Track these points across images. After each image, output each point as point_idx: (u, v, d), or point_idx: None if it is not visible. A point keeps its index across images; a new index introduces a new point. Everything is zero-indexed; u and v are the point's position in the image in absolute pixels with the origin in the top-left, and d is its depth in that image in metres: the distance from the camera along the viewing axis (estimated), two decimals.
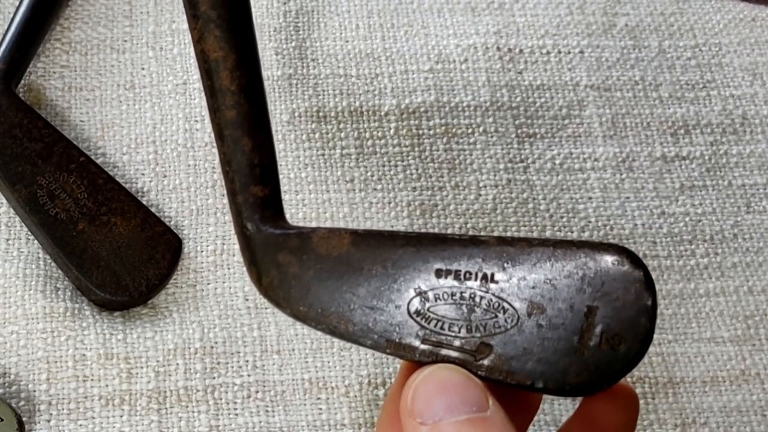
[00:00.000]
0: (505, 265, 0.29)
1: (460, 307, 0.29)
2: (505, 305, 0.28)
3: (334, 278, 0.30)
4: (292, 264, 0.31)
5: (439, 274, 0.29)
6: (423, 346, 0.29)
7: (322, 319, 0.30)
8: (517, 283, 0.28)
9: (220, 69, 0.31)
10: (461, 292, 0.29)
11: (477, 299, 0.29)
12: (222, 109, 0.32)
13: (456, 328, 0.29)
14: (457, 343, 0.29)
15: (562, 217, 0.47)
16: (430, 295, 0.29)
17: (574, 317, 0.28)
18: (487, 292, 0.29)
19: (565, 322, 0.28)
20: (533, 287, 0.28)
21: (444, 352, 0.29)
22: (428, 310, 0.29)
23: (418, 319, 0.29)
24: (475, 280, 0.29)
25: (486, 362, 0.28)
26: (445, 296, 0.29)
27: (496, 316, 0.28)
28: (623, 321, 0.27)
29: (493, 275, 0.29)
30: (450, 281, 0.29)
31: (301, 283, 0.31)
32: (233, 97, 0.31)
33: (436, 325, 0.29)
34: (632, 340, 0.27)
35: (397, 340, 0.29)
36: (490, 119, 0.49)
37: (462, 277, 0.29)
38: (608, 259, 0.28)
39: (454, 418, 0.27)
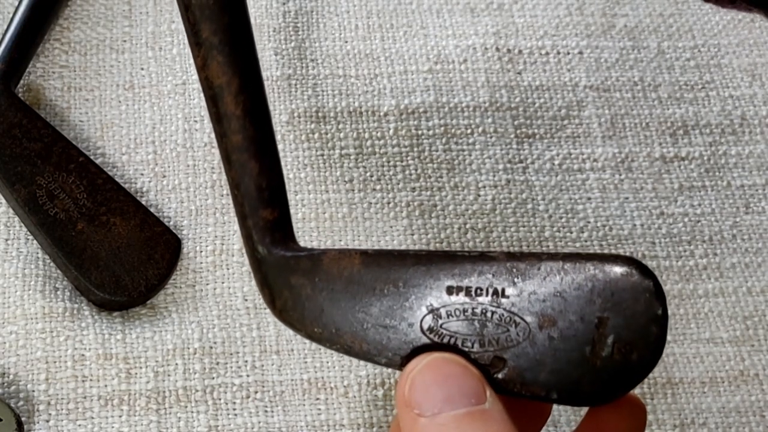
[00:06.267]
0: (515, 280, 0.29)
1: (473, 322, 0.29)
2: (517, 319, 0.29)
3: (346, 299, 0.31)
4: (304, 286, 0.31)
5: (450, 291, 0.30)
6: None
7: (337, 339, 0.31)
8: (527, 297, 0.29)
9: (224, 94, 0.32)
10: (473, 308, 0.29)
11: (488, 314, 0.29)
12: (228, 134, 0.32)
13: (469, 344, 0.29)
14: (470, 357, 0.29)
15: (561, 218, 0.47)
16: (442, 312, 0.29)
17: (585, 328, 0.28)
18: (498, 307, 0.29)
19: (577, 334, 0.28)
20: (544, 301, 0.28)
21: None
22: (441, 326, 0.29)
23: (431, 335, 0.29)
24: (486, 295, 0.29)
25: (500, 375, 0.29)
26: (457, 312, 0.29)
27: (508, 330, 0.29)
28: (634, 330, 0.28)
29: (503, 290, 0.29)
30: (461, 298, 0.29)
31: (315, 305, 0.31)
32: (239, 121, 0.32)
33: (449, 341, 0.29)
34: (644, 348, 0.28)
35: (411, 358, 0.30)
36: (489, 120, 0.49)
37: (473, 293, 0.29)
38: (617, 271, 0.28)
39: (453, 411, 0.27)
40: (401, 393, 0.29)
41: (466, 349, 0.29)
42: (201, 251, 0.45)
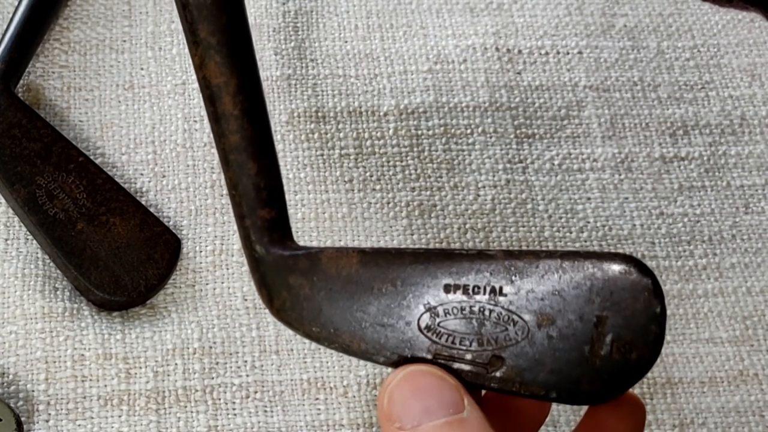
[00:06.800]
0: (513, 278, 0.29)
1: (470, 321, 0.29)
2: (515, 318, 0.29)
3: (344, 298, 0.31)
4: (302, 285, 0.31)
5: (447, 289, 0.30)
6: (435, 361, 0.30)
7: (335, 338, 0.31)
8: (525, 295, 0.29)
9: (222, 94, 0.32)
10: (470, 307, 0.29)
11: (486, 313, 0.29)
12: (226, 134, 0.32)
13: (467, 342, 0.29)
14: (468, 356, 0.29)
15: (560, 218, 0.47)
16: (440, 310, 0.29)
17: (584, 327, 0.28)
18: (496, 305, 0.29)
19: (576, 333, 0.28)
20: (542, 299, 0.28)
21: (456, 366, 0.29)
22: (438, 325, 0.29)
23: (429, 334, 0.29)
24: (484, 294, 0.29)
25: (498, 374, 0.29)
26: (455, 311, 0.29)
27: (507, 329, 0.29)
28: (633, 329, 0.28)
29: (501, 288, 0.29)
30: (459, 296, 0.29)
31: (313, 304, 0.31)
32: (236, 121, 0.32)
33: (447, 340, 0.29)
34: (643, 347, 0.28)
35: (409, 355, 0.30)
36: (489, 120, 0.49)
37: (470, 291, 0.29)
38: (616, 269, 0.28)
39: (432, 422, 0.28)
40: (381, 407, 0.29)
41: (464, 348, 0.29)
42: (201, 251, 0.45)
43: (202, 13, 0.31)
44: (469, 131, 0.49)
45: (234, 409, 0.42)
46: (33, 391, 0.41)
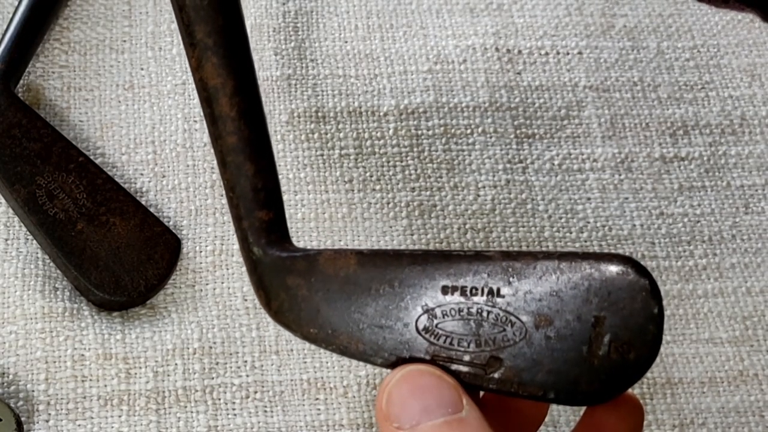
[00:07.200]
0: (511, 279, 0.29)
1: (468, 322, 0.29)
2: (513, 319, 0.29)
3: (342, 299, 0.31)
4: (300, 287, 0.31)
5: (445, 290, 0.30)
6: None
7: (333, 339, 0.31)
8: (523, 296, 0.29)
9: (219, 96, 0.32)
10: (468, 308, 0.29)
11: (484, 314, 0.29)
12: (223, 135, 0.32)
13: (465, 343, 0.29)
14: (466, 357, 0.29)
15: (560, 218, 0.47)
16: (438, 311, 0.30)
17: (581, 327, 0.28)
18: (494, 306, 0.29)
19: (574, 333, 0.28)
20: (540, 300, 0.29)
21: (454, 367, 0.29)
22: (436, 326, 0.29)
23: (427, 335, 0.30)
24: (482, 295, 0.29)
25: (497, 375, 0.29)
26: (453, 312, 0.29)
27: (504, 330, 0.29)
28: (631, 329, 0.28)
29: (499, 290, 0.29)
30: (456, 297, 0.29)
31: (311, 305, 0.31)
32: (233, 123, 0.32)
33: (445, 341, 0.29)
34: (641, 347, 0.28)
35: (407, 357, 0.30)
36: (489, 120, 0.49)
37: (468, 292, 0.29)
38: (613, 270, 0.28)
39: (431, 422, 0.28)
40: (379, 407, 0.29)
41: (462, 349, 0.29)
42: (201, 251, 0.45)
43: (199, 14, 0.31)
44: (469, 131, 0.49)
45: (234, 409, 0.42)
46: (33, 391, 0.41)
